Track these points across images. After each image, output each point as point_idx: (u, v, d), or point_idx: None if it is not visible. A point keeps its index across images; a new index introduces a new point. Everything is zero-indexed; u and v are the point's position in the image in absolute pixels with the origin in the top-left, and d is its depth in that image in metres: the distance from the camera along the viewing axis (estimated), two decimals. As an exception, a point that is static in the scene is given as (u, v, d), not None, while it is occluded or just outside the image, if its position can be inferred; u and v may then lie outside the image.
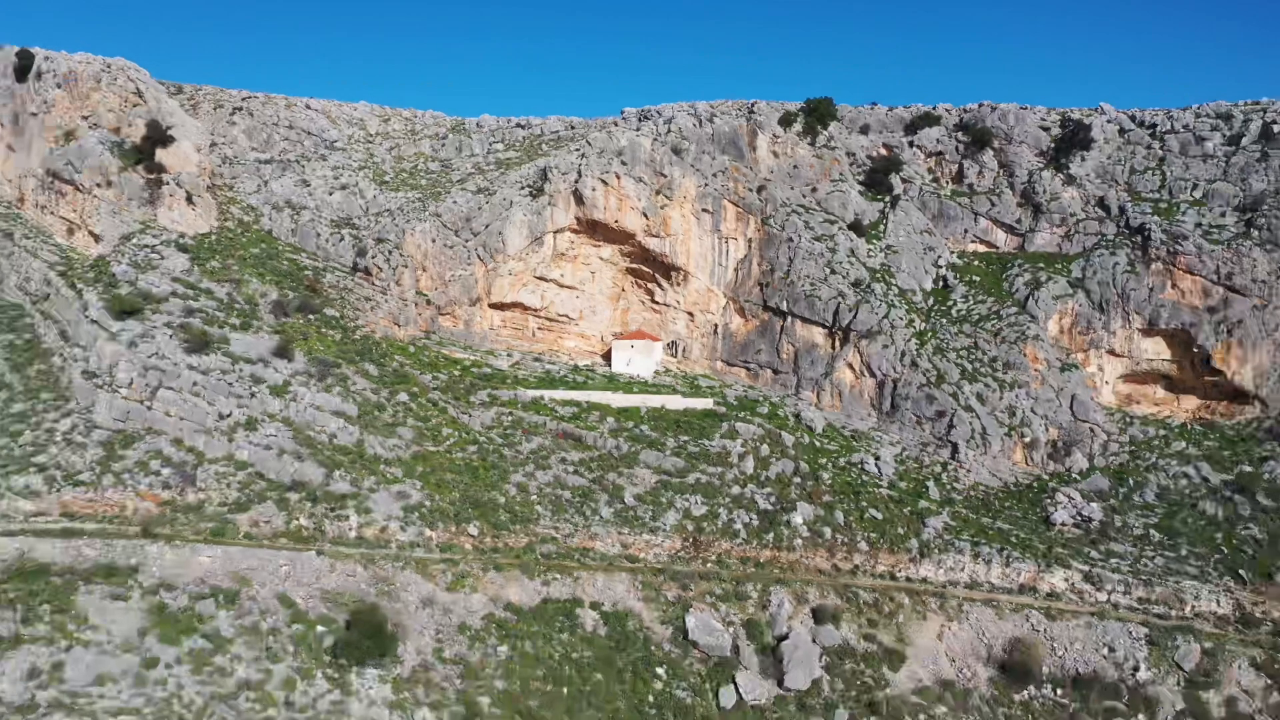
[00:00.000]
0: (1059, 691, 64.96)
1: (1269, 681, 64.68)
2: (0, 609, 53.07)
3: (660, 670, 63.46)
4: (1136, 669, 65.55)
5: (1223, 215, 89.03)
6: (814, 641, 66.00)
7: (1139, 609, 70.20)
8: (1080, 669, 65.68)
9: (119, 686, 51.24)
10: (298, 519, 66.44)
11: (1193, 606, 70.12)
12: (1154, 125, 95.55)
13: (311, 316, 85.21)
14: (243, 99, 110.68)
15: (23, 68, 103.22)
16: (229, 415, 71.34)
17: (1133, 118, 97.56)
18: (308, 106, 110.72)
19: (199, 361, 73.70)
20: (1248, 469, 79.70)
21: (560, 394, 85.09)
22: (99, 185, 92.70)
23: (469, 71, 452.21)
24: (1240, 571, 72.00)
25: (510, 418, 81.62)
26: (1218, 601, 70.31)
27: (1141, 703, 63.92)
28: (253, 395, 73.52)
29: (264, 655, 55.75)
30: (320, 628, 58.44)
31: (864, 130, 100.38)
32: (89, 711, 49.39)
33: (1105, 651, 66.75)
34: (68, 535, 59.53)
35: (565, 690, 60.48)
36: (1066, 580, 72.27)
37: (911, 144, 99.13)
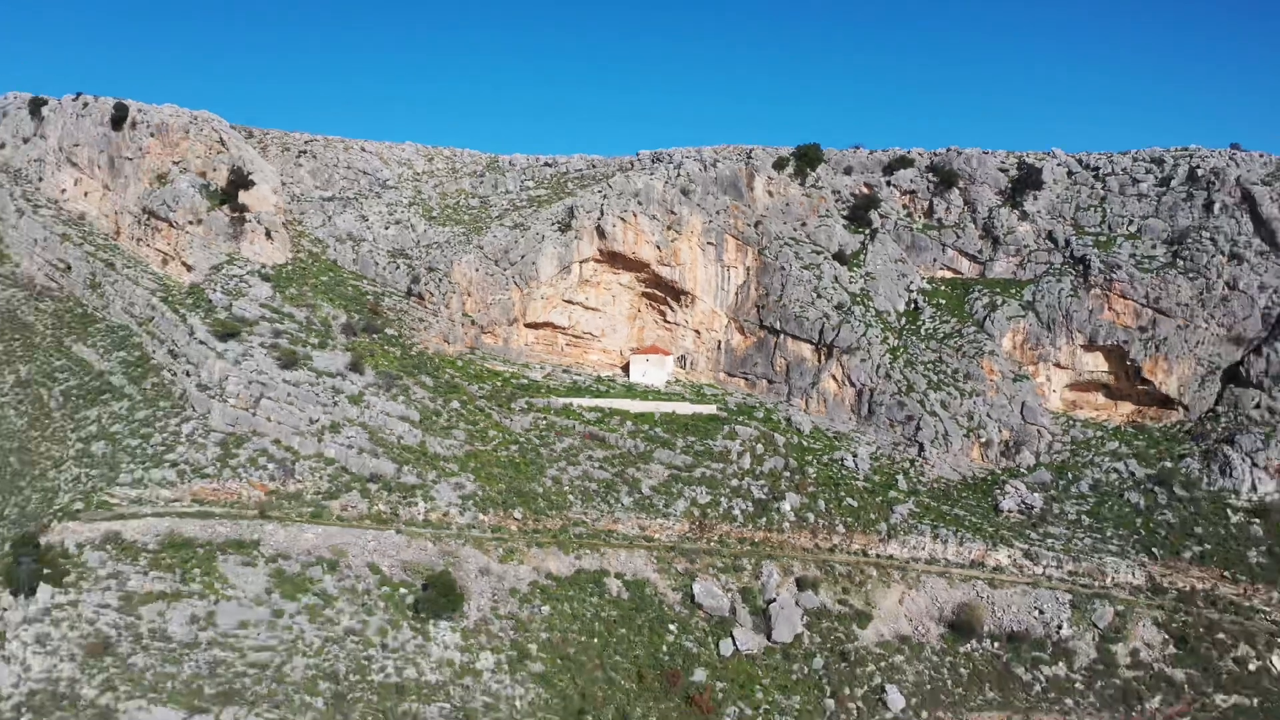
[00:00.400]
0: (996, 645, 79.76)
1: (1166, 636, 79.38)
2: (162, 571, 68.67)
3: (672, 626, 78.58)
4: (1060, 627, 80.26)
5: (1153, 247, 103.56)
6: (797, 604, 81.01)
7: (1067, 580, 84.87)
8: (1014, 627, 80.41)
9: (257, 630, 66.70)
10: (377, 505, 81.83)
11: (1112, 578, 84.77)
12: (1097, 168, 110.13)
13: (375, 336, 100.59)
14: (305, 142, 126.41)
15: (118, 118, 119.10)
16: (317, 420, 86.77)
17: (1080, 161, 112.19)
18: (363, 149, 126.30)
19: (290, 376, 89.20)
20: (1168, 465, 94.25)
21: (586, 401, 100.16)
22: (191, 222, 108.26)
23: (502, 112, 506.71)
24: (1154, 550, 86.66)
25: (545, 422, 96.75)
26: (1133, 574, 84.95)
27: (1062, 654, 78.69)
28: (334, 403, 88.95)
29: (361, 609, 71.12)
30: (403, 589, 73.78)
31: (847, 171, 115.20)
32: (238, 648, 64.87)
33: (1036, 614, 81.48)
34: (202, 516, 75.03)
35: (596, 641, 75.67)
36: (1009, 557, 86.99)
37: (889, 183, 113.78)
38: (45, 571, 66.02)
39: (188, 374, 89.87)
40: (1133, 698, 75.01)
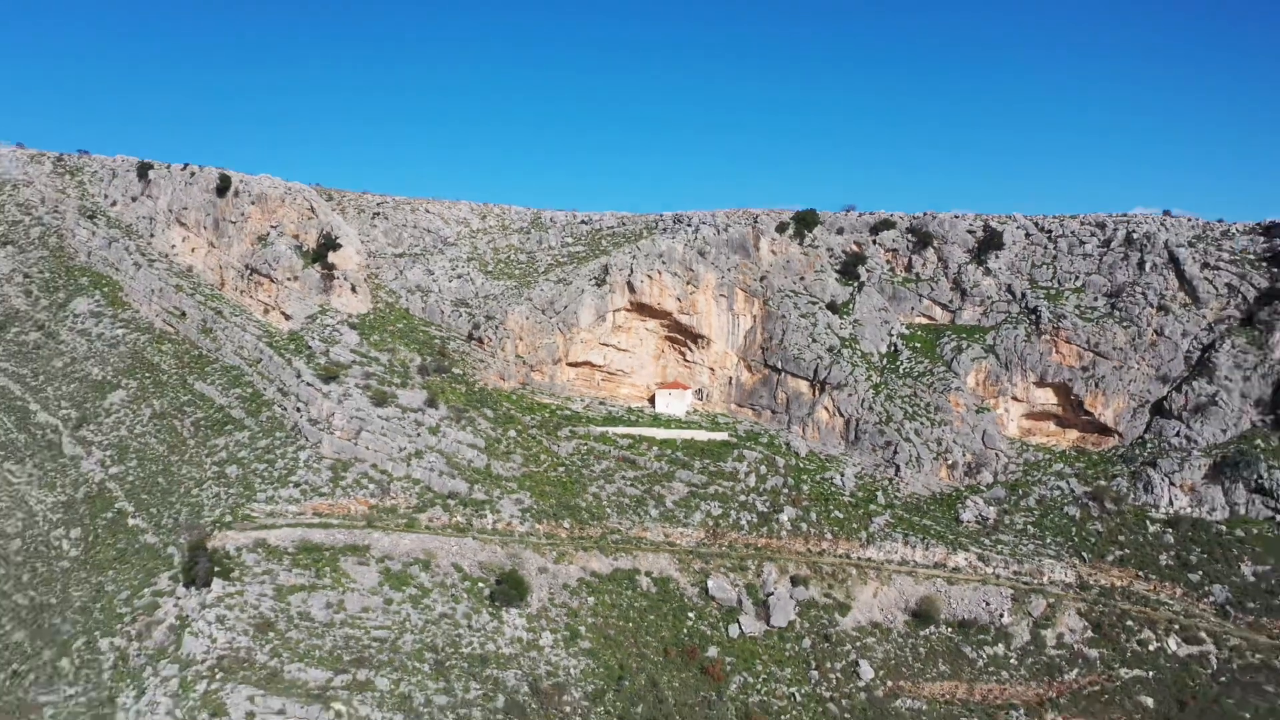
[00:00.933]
0: (949, 630, 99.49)
1: (1086, 623, 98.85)
2: (300, 569, 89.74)
3: (690, 614, 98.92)
4: (1002, 616, 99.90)
5: (1095, 300, 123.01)
6: (790, 597, 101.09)
7: (1011, 578, 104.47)
8: (965, 616, 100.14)
9: (375, 614, 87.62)
10: (455, 517, 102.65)
11: (1048, 576, 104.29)
12: (1050, 230, 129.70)
13: (444, 375, 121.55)
14: (378, 204, 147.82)
15: (223, 187, 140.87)
16: (404, 448, 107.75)
17: (1036, 224, 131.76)
18: (426, 210, 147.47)
19: (382, 412, 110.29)
20: (1102, 483, 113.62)
21: (619, 430, 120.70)
22: (288, 278, 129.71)
23: (544, 171, 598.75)
24: (1084, 554, 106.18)
25: (585, 447, 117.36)
26: (1065, 574, 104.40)
27: (1002, 637, 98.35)
28: (417, 434, 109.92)
29: (450, 599, 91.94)
30: (480, 584, 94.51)
31: (840, 231, 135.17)
32: (363, 626, 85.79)
33: (983, 605, 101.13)
34: (324, 527, 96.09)
35: (630, 624, 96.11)
36: (966, 559, 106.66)
37: (874, 242, 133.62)
38: (216, 569, 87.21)
39: (298, 410, 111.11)
40: (1055, 671, 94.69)
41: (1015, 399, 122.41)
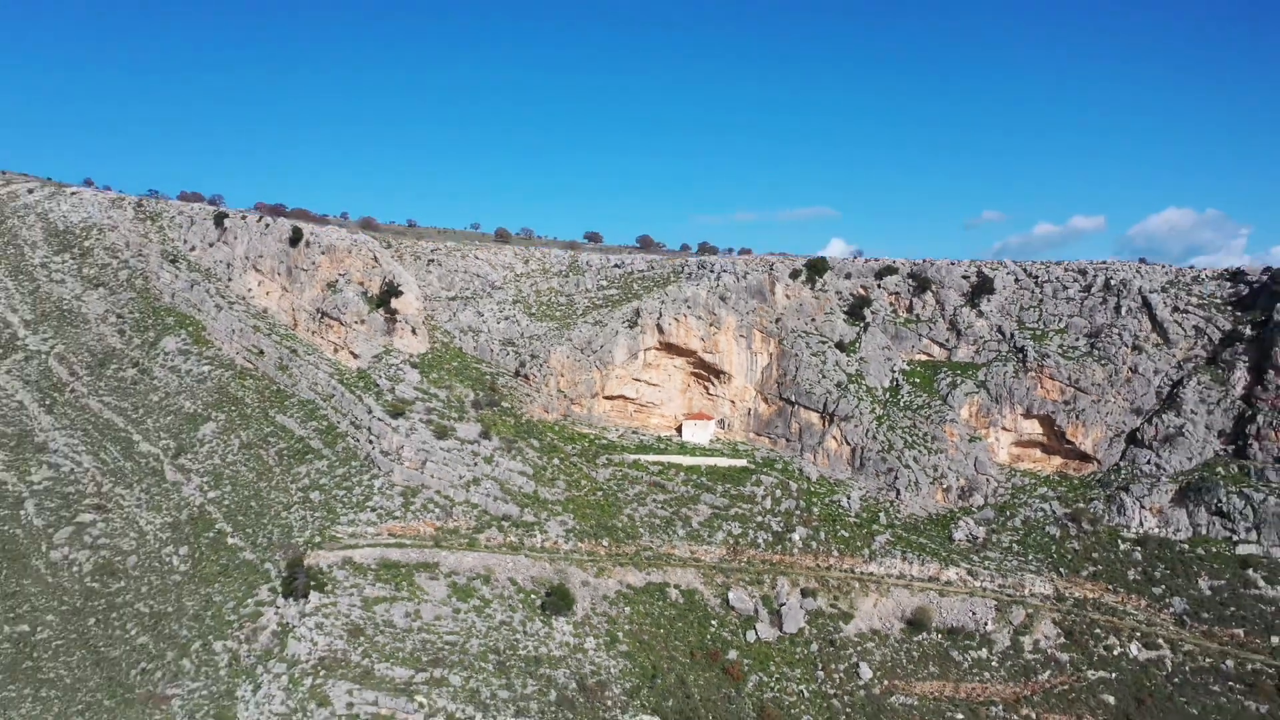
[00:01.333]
0: (940, 636, 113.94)
1: (1060, 631, 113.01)
2: (382, 583, 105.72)
3: (713, 622, 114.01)
4: (986, 624, 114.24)
5: (1076, 340, 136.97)
6: (800, 607, 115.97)
7: (996, 591, 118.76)
8: (954, 624, 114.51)
9: (445, 622, 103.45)
10: (509, 537, 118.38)
11: (1028, 590, 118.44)
12: (1037, 276, 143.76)
13: (495, 409, 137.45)
14: (432, 250, 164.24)
15: (295, 238, 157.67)
16: (464, 476, 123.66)
17: (1025, 269, 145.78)
18: (475, 256, 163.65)
19: (444, 444, 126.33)
20: (1081, 505, 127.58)
21: (650, 457, 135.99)
22: (356, 322, 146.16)
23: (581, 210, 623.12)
24: (1061, 569, 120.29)
25: (620, 473, 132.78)
26: (1044, 587, 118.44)
27: (985, 643, 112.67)
28: (474, 463, 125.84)
29: (508, 608, 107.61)
30: (533, 595, 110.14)
31: (847, 277, 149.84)
32: (436, 632, 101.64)
33: (970, 614, 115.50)
34: (399, 546, 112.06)
35: (661, 630, 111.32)
36: (956, 574, 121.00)
37: (879, 286, 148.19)
38: (312, 584, 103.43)
39: (370, 442, 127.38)
40: (1030, 673, 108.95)
41: (1004, 429, 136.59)
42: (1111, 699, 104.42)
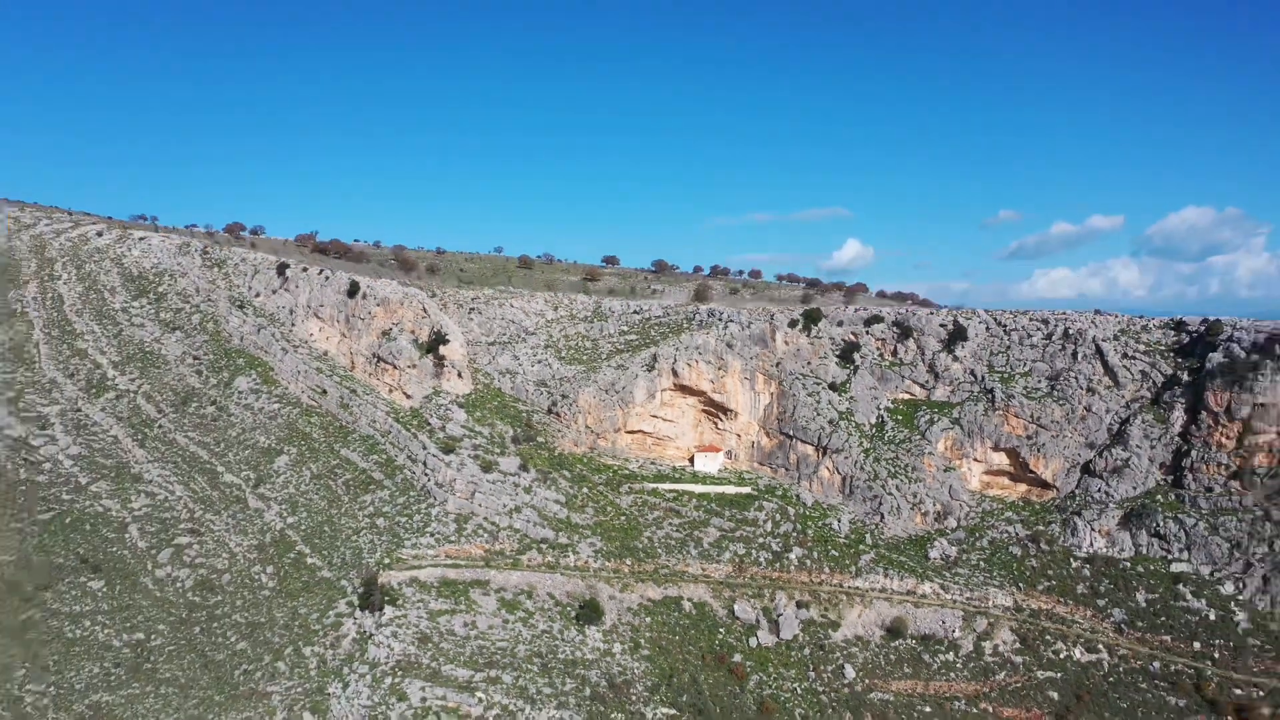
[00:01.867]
0: (914, 642, 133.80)
1: (1016, 637, 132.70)
2: (443, 598, 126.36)
3: (721, 630, 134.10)
4: (954, 631, 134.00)
5: (1038, 382, 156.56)
6: (795, 617, 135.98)
7: (964, 603, 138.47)
8: (926, 631, 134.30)
9: (497, 630, 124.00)
10: (547, 557, 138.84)
11: (992, 601, 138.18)
12: (1005, 325, 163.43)
13: (531, 444, 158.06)
14: (473, 299, 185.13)
15: (352, 290, 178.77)
16: (507, 505, 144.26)
17: (995, 319, 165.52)
18: (511, 304, 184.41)
19: (489, 476, 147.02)
20: (1040, 528, 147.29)
21: (666, 485, 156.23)
22: (409, 366, 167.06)
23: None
24: (1020, 584, 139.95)
25: (640, 500, 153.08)
26: (1005, 599, 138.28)
27: (953, 647, 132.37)
28: (515, 493, 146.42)
29: (548, 619, 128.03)
30: (568, 608, 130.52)
31: (839, 324, 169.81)
32: (490, 639, 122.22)
33: (941, 623, 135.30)
34: (454, 567, 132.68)
35: (677, 637, 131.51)
36: (930, 588, 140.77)
37: (867, 333, 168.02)
38: (385, 599, 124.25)
39: (426, 475, 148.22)
40: (989, 673, 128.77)
41: (976, 460, 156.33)
42: (1056, 695, 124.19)
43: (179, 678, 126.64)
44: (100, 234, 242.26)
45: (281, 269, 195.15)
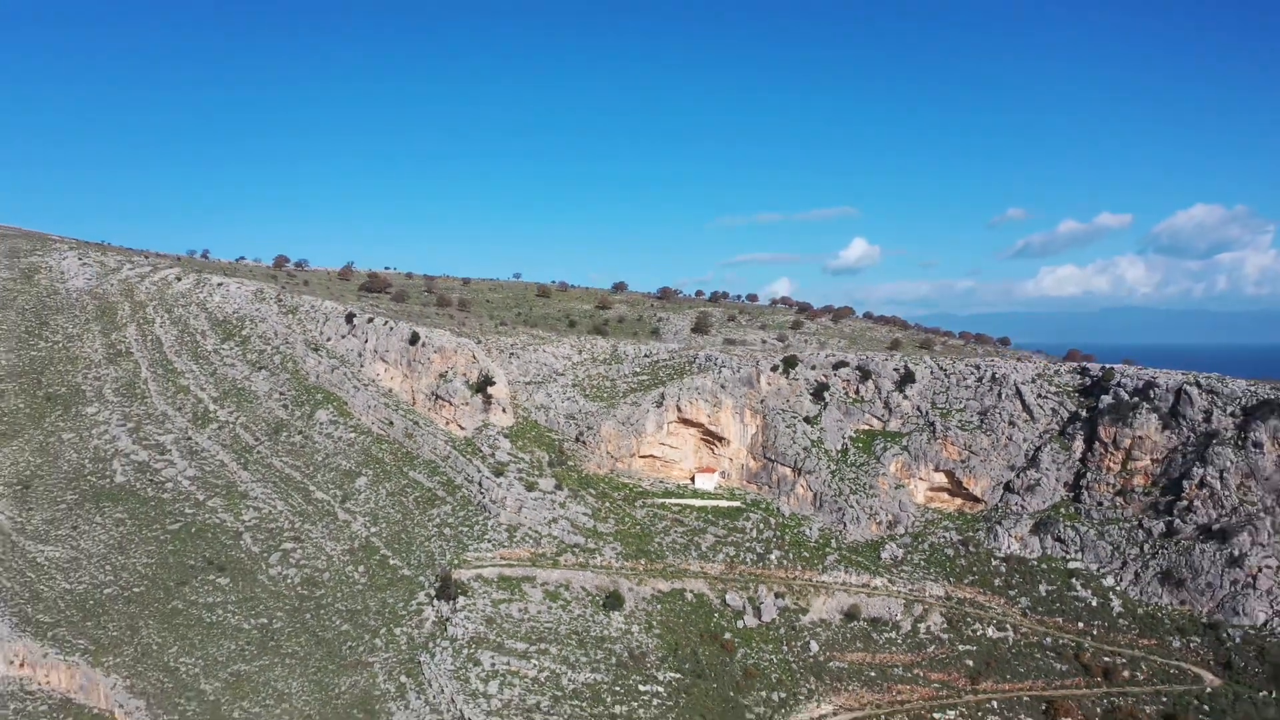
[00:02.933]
0: (865, 624, 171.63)
1: (945, 621, 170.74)
2: (502, 591, 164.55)
3: (715, 614, 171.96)
4: (897, 615, 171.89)
5: (970, 417, 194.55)
6: (774, 605, 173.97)
7: (906, 594, 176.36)
8: (875, 615, 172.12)
9: (544, 615, 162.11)
10: (579, 558, 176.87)
11: (928, 592, 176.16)
12: (945, 370, 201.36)
13: (563, 467, 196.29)
14: (512, 345, 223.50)
15: (413, 340, 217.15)
16: (546, 517, 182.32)
17: (938, 365, 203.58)
18: (544, 349, 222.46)
19: (532, 495, 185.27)
20: (970, 534, 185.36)
21: (672, 500, 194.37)
22: (463, 403, 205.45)
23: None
24: (950, 579, 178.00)
25: (652, 513, 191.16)
26: (938, 591, 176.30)
27: (894, 628, 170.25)
28: (552, 507, 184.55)
29: (581, 606, 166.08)
30: (597, 597, 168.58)
31: (812, 368, 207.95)
32: (539, 621, 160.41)
33: (887, 609, 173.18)
34: (508, 566, 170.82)
35: (681, 620, 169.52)
36: (881, 582, 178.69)
37: (835, 375, 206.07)
38: (458, 591, 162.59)
39: (481, 493, 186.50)
40: (921, 647, 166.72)
41: (921, 479, 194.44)
42: (971, 663, 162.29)
43: (298, 652, 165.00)
44: (179, 278, 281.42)
45: (350, 318, 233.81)
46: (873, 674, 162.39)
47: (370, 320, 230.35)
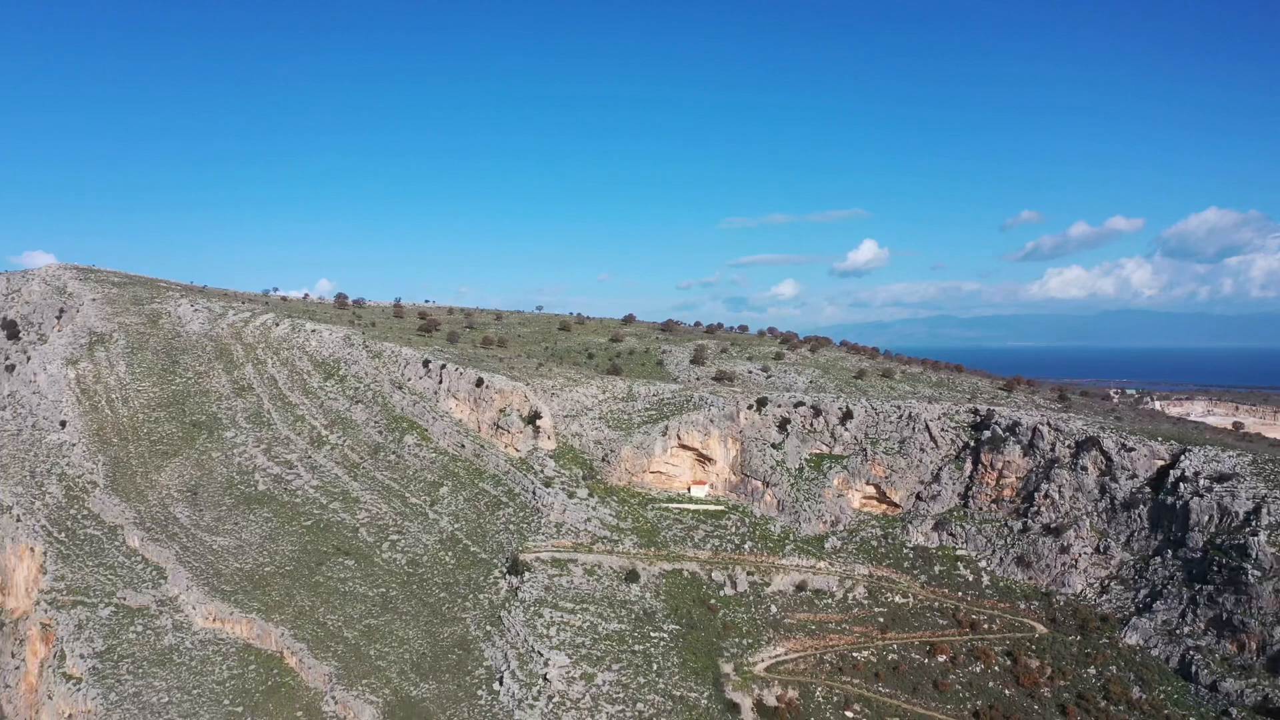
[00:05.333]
0: (810, 593, 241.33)
1: (866, 591, 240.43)
2: (555, 569, 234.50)
3: (704, 587, 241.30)
4: (833, 587, 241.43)
5: (893, 445, 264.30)
6: (746, 580, 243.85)
7: (840, 572, 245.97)
8: (818, 588, 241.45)
9: (583, 585, 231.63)
10: (607, 547, 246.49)
11: (857, 571, 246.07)
12: (877, 409, 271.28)
13: (594, 480, 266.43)
14: (552, 387, 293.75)
15: (478, 382, 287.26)
16: (583, 517, 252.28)
17: (873, 406, 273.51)
18: (577, 388, 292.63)
19: (572, 501, 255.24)
20: (890, 530, 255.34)
21: (674, 505, 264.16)
22: (518, 432, 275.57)
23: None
24: (874, 562, 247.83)
25: (659, 514, 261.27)
26: (864, 571, 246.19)
27: (831, 595, 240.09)
28: (587, 510, 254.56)
29: (610, 580, 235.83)
30: (621, 573, 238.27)
31: (779, 406, 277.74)
32: (580, 590, 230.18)
33: (826, 584, 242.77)
34: (558, 551, 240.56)
35: (680, 590, 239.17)
36: (824, 564, 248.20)
37: (795, 412, 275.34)
38: (525, 569, 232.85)
39: (534, 500, 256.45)
40: (849, 609, 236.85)
41: (856, 491, 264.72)
42: (882, 620, 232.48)
43: (410, 611, 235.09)
44: (276, 324, 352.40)
45: (425, 363, 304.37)
46: (813, 627, 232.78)
47: (443, 366, 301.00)
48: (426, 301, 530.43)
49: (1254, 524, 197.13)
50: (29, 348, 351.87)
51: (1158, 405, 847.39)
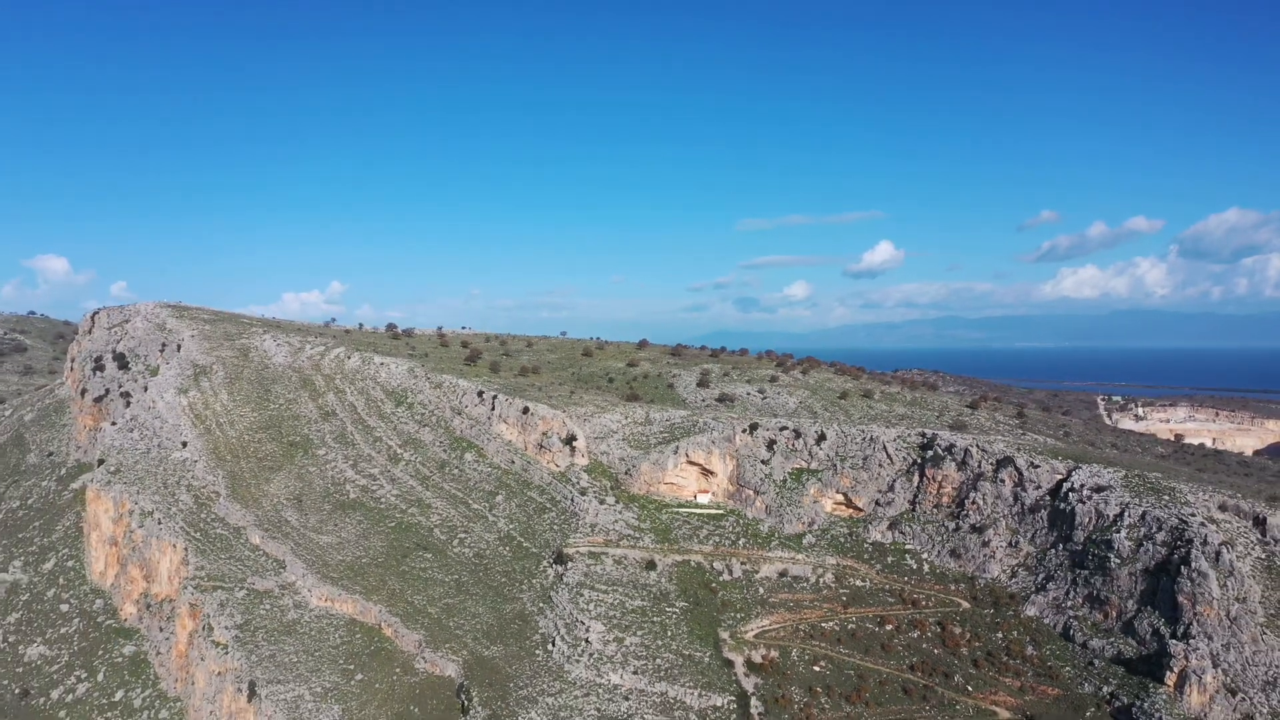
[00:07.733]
0: (791, 579, 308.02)
1: (834, 576, 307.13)
2: (591, 560, 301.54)
3: (707, 574, 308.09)
4: (808, 575, 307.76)
5: (859, 461, 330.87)
6: (740, 568, 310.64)
7: (814, 563, 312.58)
8: (796, 575, 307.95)
9: (613, 572, 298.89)
10: (631, 543, 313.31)
11: (827, 562, 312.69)
12: (846, 433, 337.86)
13: (619, 490, 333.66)
14: (583, 413, 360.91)
15: (524, 410, 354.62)
16: (613, 519, 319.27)
17: (843, 430, 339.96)
18: (603, 415, 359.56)
19: (602, 508, 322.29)
20: (854, 530, 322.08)
21: (683, 509, 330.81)
22: (557, 451, 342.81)
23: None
24: (842, 554, 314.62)
25: (671, 516, 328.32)
26: (834, 561, 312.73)
27: (808, 583, 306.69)
28: (614, 514, 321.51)
29: (635, 568, 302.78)
30: (641, 563, 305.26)
31: (767, 430, 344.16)
32: (610, 576, 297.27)
33: (803, 571, 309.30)
34: (593, 545, 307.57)
35: (688, 575, 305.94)
36: (802, 556, 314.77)
37: (780, 434, 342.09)
38: (568, 560, 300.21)
39: (572, 505, 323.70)
40: (820, 590, 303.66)
41: (828, 498, 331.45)
42: (845, 599, 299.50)
43: (479, 593, 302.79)
44: (348, 356, 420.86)
45: (480, 394, 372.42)
46: (791, 605, 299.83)
47: (495, 396, 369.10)
48: (464, 328, 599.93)
49: (1119, 524, 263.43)
50: (139, 377, 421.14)
51: (1140, 411, 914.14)
